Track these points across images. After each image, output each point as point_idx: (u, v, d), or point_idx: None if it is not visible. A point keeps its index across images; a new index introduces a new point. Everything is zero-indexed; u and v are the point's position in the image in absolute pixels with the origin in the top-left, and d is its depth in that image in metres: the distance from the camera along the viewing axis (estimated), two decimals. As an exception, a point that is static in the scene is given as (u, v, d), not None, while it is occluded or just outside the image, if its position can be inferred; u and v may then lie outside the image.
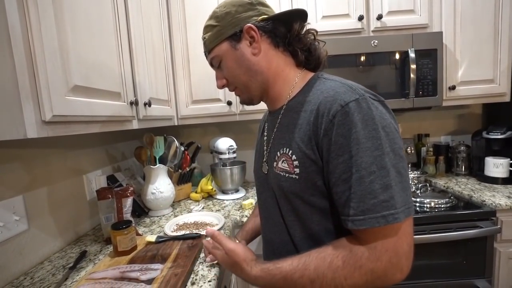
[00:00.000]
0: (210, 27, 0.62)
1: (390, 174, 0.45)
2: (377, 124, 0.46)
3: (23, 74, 0.51)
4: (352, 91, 0.49)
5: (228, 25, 0.59)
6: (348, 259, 0.47)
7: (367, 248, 0.46)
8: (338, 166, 0.47)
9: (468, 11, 1.36)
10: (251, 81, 0.62)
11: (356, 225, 0.46)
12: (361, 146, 0.45)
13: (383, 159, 0.45)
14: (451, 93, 1.41)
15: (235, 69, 0.62)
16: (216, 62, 0.64)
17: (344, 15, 1.38)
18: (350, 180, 0.46)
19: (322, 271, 0.48)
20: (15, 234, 0.80)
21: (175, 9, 1.39)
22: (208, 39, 0.62)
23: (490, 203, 1.16)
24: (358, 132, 0.46)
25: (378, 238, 0.46)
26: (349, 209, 0.47)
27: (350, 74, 1.35)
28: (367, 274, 0.46)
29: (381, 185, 0.44)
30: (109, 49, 0.81)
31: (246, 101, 0.67)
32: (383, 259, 0.45)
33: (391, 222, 0.44)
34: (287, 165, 0.56)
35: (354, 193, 0.46)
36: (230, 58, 0.61)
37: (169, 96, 1.35)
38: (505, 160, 1.37)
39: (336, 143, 0.47)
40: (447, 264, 1.15)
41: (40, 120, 0.54)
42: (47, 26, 0.55)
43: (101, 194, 1.00)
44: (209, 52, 0.64)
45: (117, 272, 0.73)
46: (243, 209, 1.26)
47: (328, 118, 0.48)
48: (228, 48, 0.60)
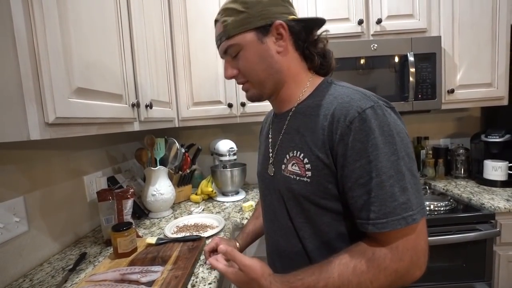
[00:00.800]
0: (234, 11, 0.56)
1: (405, 178, 0.47)
2: (392, 130, 0.48)
3: (27, 76, 0.51)
4: (367, 98, 0.50)
5: (258, 15, 0.55)
6: (372, 262, 0.47)
7: (389, 250, 0.47)
8: (355, 171, 0.48)
9: (466, 16, 1.38)
10: (268, 79, 0.60)
11: (378, 228, 0.47)
12: (380, 152, 0.47)
13: (399, 163, 0.47)
14: (450, 96, 1.42)
15: (255, 63, 0.58)
16: (234, 51, 0.59)
17: (344, 19, 1.40)
18: (369, 184, 0.47)
19: (346, 278, 0.47)
20: (15, 236, 0.80)
21: (177, 12, 1.40)
22: (231, 24, 0.56)
23: (489, 206, 1.17)
24: (376, 138, 0.47)
25: (399, 238, 0.47)
26: (370, 212, 0.47)
27: (350, 77, 1.36)
28: (392, 275, 0.47)
29: (399, 188, 0.46)
30: (112, 52, 0.82)
31: (254, 97, 0.63)
32: (405, 258, 0.47)
33: (410, 223, 0.46)
34: (298, 168, 0.56)
35: (375, 197, 0.47)
36: (253, 50, 0.57)
37: (170, 98, 1.36)
38: (504, 163, 1.38)
39: (353, 148, 0.48)
40: (446, 267, 1.15)
41: (43, 122, 0.54)
42: (51, 29, 0.56)
43: (102, 195, 1.00)
44: (228, 38, 0.58)
45: (117, 274, 0.73)
46: (243, 211, 1.26)
47: (345, 123, 0.49)
48: (254, 40, 0.57)
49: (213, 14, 1.51)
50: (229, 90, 1.44)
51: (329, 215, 0.55)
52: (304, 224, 0.58)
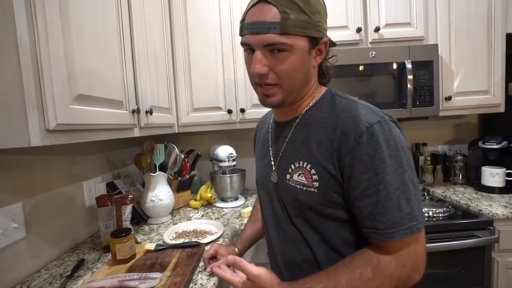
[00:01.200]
0: (297, 8, 0.51)
1: (410, 189, 0.50)
2: (397, 144, 0.51)
3: (29, 83, 0.52)
4: (374, 113, 0.53)
5: (315, 25, 0.53)
6: (378, 269, 0.50)
7: (393, 257, 0.50)
8: (361, 183, 0.50)
9: (462, 25, 1.40)
10: (299, 89, 0.59)
11: (387, 238, 0.49)
12: (387, 165, 0.49)
13: (404, 176, 0.50)
14: (447, 103, 1.44)
15: (297, 71, 0.55)
16: (279, 49, 0.52)
17: (343, 27, 1.42)
18: (376, 196, 0.49)
19: (353, 285, 0.49)
20: (13, 242, 0.80)
21: (178, 19, 1.42)
22: (293, 21, 0.50)
23: (487, 212, 1.17)
24: (383, 152, 0.49)
25: (402, 246, 0.50)
26: (377, 222, 0.50)
27: (348, 84, 1.37)
28: (396, 281, 0.50)
29: (404, 200, 0.49)
30: (113, 59, 0.83)
31: (277, 103, 0.58)
32: (407, 264, 0.50)
33: (415, 232, 0.49)
34: (305, 179, 0.57)
35: (382, 208, 0.49)
36: (301, 57, 0.54)
37: (170, 104, 1.37)
38: (501, 170, 1.38)
39: (361, 161, 0.50)
40: (445, 274, 1.15)
41: (44, 129, 0.54)
42: (53, 37, 0.57)
43: (101, 201, 1.00)
44: (283, 33, 0.51)
45: (116, 281, 0.72)
46: (242, 217, 1.26)
47: (354, 137, 0.51)
48: (305, 48, 0.54)
49: (214, 22, 1.53)
50: (228, 96, 1.45)
51: (333, 222, 0.57)
52: (310, 231, 0.60)
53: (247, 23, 0.54)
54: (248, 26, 0.53)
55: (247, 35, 0.54)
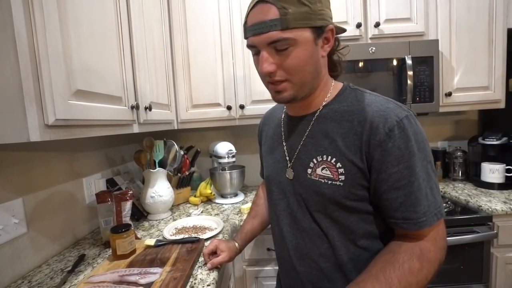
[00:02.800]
0: (296, 1, 0.50)
1: (432, 179, 0.53)
2: (423, 137, 0.54)
3: (28, 79, 0.51)
4: (400, 108, 0.55)
5: (318, 13, 0.52)
6: (423, 257, 0.51)
7: (430, 242, 0.52)
8: (392, 175, 0.52)
9: (463, 20, 1.39)
10: (310, 81, 0.57)
11: (421, 226, 0.51)
12: (416, 158, 0.51)
13: (428, 167, 0.53)
14: (447, 99, 1.43)
15: (306, 64, 0.54)
16: (283, 45, 0.52)
17: (343, 23, 1.41)
18: (408, 187, 0.51)
19: (406, 280, 0.49)
20: (14, 237, 0.80)
21: (176, 15, 1.41)
22: (292, 15, 0.50)
23: (487, 208, 1.17)
24: (413, 145, 0.51)
25: (433, 231, 0.53)
26: (409, 213, 0.52)
27: (348, 80, 1.34)
28: (437, 265, 0.52)
29: (429, 189, 0.52)
30: (112, 54, 0.82)
31: (287, 98, 0.58)
32: (441, 246, 0.54)
33: (440, 217, 0.52)
34: (330, 172, 0.57)
35: (415, 198, 0.51)
36: (307, 49, 0.53)
37: (169, 100, 1.37)
38: (501, 166, 1.38)
39: (392, 154, 0.51)
40: (444, 269, 1.15)
41: (43, 124, 0.54)
42: (51, 32, 0.57)
43: (100, 197, 1.01)
44: (284, 29, 0.50)
45: (116, 276, 0.73)
46: (242, 213, 1.27)
47: (384, 130, 0.52)
48: (310, 39, 0.53)
49: (212, 17, 1.53)
50: (228, 93, 1.44)
51: (355, 215, 0.58)
52: (331, 225, 0.60)
53: (249, 25, 0.54)
54: (251, 28, 0.54)
55: (251, 37, 0.54)
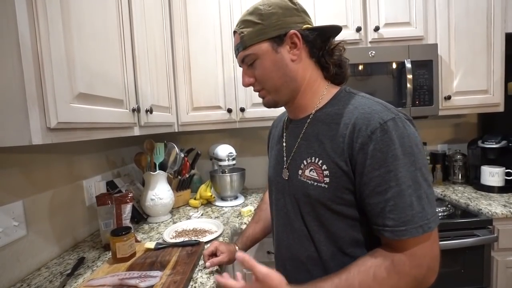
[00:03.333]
0: (251, 23, 0.59)
1: (422, 187, 0.49)
2: (411, 141, 0.50)
3: (31, 82, 0.52)
4: (388, 110, 0.53)
5: (272, 26, 0.58)
6: (392, 268, 0.48)
7: (407, 256, 0.49)
8: (373, 179, 0.50)
9: (461, 24, 1.41)
10: (283, 86, 0.62)
11: (398, 236, 0.48)
12: (400, 162, 0.49)
13: (416, 174, 0.49)
14: (447, 102, 1.44)
15: (271, 71, 0.61)
16: (250, 60, 0.62)
17: (342, 26, 1.41)
18: (388, 193, 0.49)
19: (367, 285, 0.48)
20: (13, 240, 0.80)
21: (178, 18, 1.42)
22: (247, 35, 0.60)
23: (487, 211, 1.17)
24: (396, 149, 0.49)
25: (415, 245, 0.49)
26: (388, 220, 0.49)
27: (348, 84, 1.36)
28: (412, 281, 0.49)
29: (416, 198, 0.48)
30: (113, 58, 0.83)
31: (270, 103, 0.65)
32: (423, 265, 0.49)
33: (426, 231, 0.48)
34: (316, 174, 0.57)
35: (394, 205, 0.48)
36: (268, 59, 0.60)
37: (170, 103, 1.37)
38: (501, 169, 1.39)
39: (373, 157, 0.50)
40: (445, 273, 1.15)
41: (45, 127, 0.54)
42: (55, 36, 0.57)
43: (101, 200, 1.00)
44: (245, 48, 0.61)
45: (116, 279, 0.73)
46: (242, 216, 1.26)
47: (366, 133, 0.51)
48: (269, 49, 0.59)
49: (213, 20, 1.53)
50: (228, 96, 1.45)
51: (344, 221, 0.56)
52: (319, 229, 0.59)
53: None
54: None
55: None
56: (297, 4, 0.61)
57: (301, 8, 0.62)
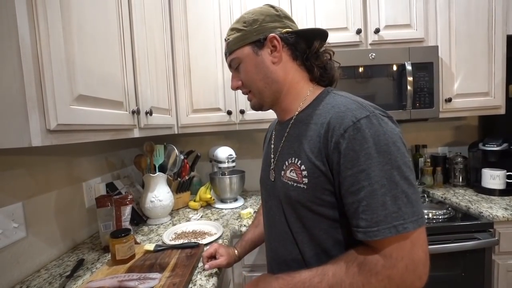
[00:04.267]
0: (236, 30, 0.64)
1: (398, 187, 0.47)
2: (388, 139, 0.49)
3: (31, 84, 0.52)
4: (363, 108, 0.52)
5: (253, 31, 0.62)
6: (363, 266, 0.49)
7: (382, 256, 0.48)
8: (346, 179, 0.50)
9: (462, 27, 1.41)
10: (266, 88, 0.64)
11: (370, 236, 0.47)
12: (373, 161, 0.48)
13: (392, 173, 0.47)
14: (447, 105, 1.43)
15: (253, 74, 0.64)
16: (235, 63, 0.66)
17: (343, 29, 1.42)
18: (361, 192, 0.48)
19: (340, 277, 0.49)
20: (13, 242, 0.80)
21: (178, 21, 1.43)
22: (232, 41, 0.64)
23: (488, 214, 1.17)
24: (370, 147, 0.48)
25: (391, 246, 0.47)
26: (361, 220, 0.48)
27: (348, 86, 1.37)
28: (384, 281, 0.47)
29: (390, 197, 0.47)
30: (113, 60, 0.83)
31: (256, 106, 0.69)
32: (399, 266, 0.47)
33: (401, 231, 0.46)
34: (295, 175, 0.58)
35: (367, 205, 0.48)
36: (250, 62, 0.63)
37: (170, 105, 1.37)
38: (502, 172, 1.38)
39: (346, 156, 0.49)
40: (445, 276, 1.14)
41: (45, 129, 0.55)
42: (55, 38, 0.57)
43: (100, 201, 1.01)
44: (230, 53, 0.66)
45: (115, 281, 0.73)
46: (241, 218, 1.26)
47: (339, 132, 0.50)
48: (250, 53, 0.63)
49: (213, 23, 1.54)
50: (228, 98, 1.45)
51: (325, 222, 0.56)
52: (302, 231, 0.59)
53: None
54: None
55: None
56: (279, 10, 0.64)
57: (284, 14, 0.64)
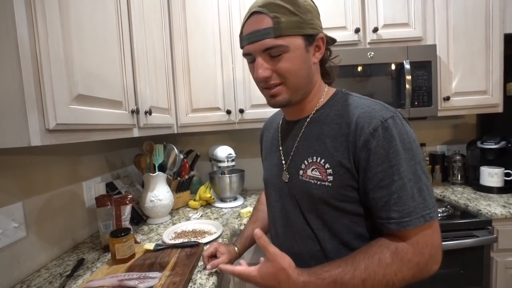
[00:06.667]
0: (287, 11, 0.54)
1: (422, 180, 0.52)
2: (410, 137, 0.54)
3: (29, 84, 0.52)
4: (387, 109, 0.56)
5: (308, 23, 0.56)
6: (396, 255, 0.51)
7: (410, 244, 0.51)
8: (377, 174, 0.53)
9: (460, 25, 1.41)
10: (304, 86, 0.61)
11: (403, 226, 0.51)
12: (401, 157, 0.52)
13: (416, 167, 0.52)
14: (445, 103, 1.44)
15: (299, 69, 0.58)
16: (277, 51, 0.56)
17: (341, 28, 1.42)
18: (391, 186, 0.52)
19: (372, 269, 0.51)
20: (13, 241, 0.80)
21: (177, 21, 1.43)
22: (285, 23, 0.54)
23: (486, 212, 1.17)
24: (397, 145, 0.52)
25: (417, 234, 0.52)
26: (393, 212, 0.52)
27: (347, 85, 1.38)
28: (414, 268, 0.51)
29: (417, 190, 0.52)
30: (112, 59, 0.83)
31: (283, 102, 0.61)
32: (425, 252, 0.51)
33: (428, 220, 0.51)
34: (319, 173, 0.59)
35: (398, 198, 0.51)
36: (300, 55, 0.57)
37: (169, 104, 1.37)
38: (500, 170, 1.39)
39: (376, 153, 0.52)
40: (444, 274, 1.15)
41: (44, 129, 0.55)
42: (53, 38, 0.57)
43: (100, 201, 1.01)
44: (277, 36, 0.54)
45: (115, 280, 0.73)
46: (241, 217, 1.26)
47: (369, 131, 0.53)
48: (302, 46, 0.57)
49: (212, 22, 1.54)
50: (227, 97, 1.45)
51: (346, 217, 0.59)
52: (323, 227, 0.61)
53: (245, 35, 0.58)
54: (246, 37, 0.58)
55: (247, 45, 0.58)
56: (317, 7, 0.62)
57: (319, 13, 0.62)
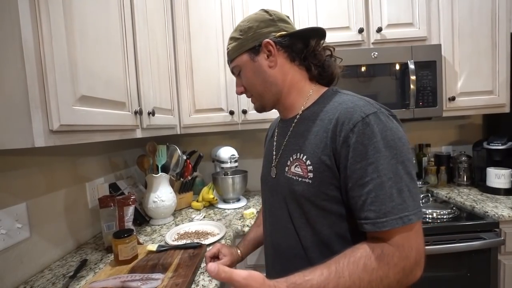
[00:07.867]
0: (234, 39, 0.67)
1: (403, 180, 0.49)
2: (394, 135, 0.51)
3: (34, 85, 0.52)
4: (370, 105, 0.54)
5: (249, 38, 0.64)
6: (381, 259, 0.48)
7: (395, 248, 0.48)
8: (356, 172, 0.51)
9: (465, 25, 1.39)
10: (265, 91, 0.67)
11: (378, 227, 0.48)
12: (381, 155, 0.49)
13: (397, 167, 0.50)
14: (451, 104, 1.42)
15: (252, 79, 0.67)
16: (236, 70, 0.69)
17: (345, 28, 1.42)
18: (369, 184, 0.49)
19: (357, 276, 0.47)
20: (17, 242, 0.80)
21: (180, 21, 1.43)
22: (231, 50, 0.68)
23: (493, 214, 1.16)
24: (378, 142, 0.50)
25: (400, 236, 0.49)
26: (369, 212, 0.49)
27: (351, 85, 1.37)
28: (400, 273, 0.48)
29: (396, 190, 0.49)
30: (116, 61, 0.83)
31: (258, 108, 0.72)
32: (411, 256, 0.48)
33: (406, 222, 0.48)
34: (301, 170, 0.58)
35: (375, 196, 0.49)
36: (248, 68, 0.66)
37: (172, 105, 1.37)
38: (507, 171, 1.37)
39: (355, 150, 0.51)
40: (451, 277, 1.13)
41: (48, 130, 0.55)
42: (58, 40, 0.57)
43: (103, 202, 1.01)
44: (230, 61, 0.69)
45: (118, 281, 0.73)
46: (244, 219, 1.26)
47: (349, 126, 0.52)
48: (248, 60, 0.66)
49: (215, 24, 1.54)
50: (230, 98, 1.45)
51: (329, 217, 0.57)
52: (305, 226, 0.59)
53: None
54: None
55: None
56: (273, 14, 0.65)
57: (278, 18, 0.65)
